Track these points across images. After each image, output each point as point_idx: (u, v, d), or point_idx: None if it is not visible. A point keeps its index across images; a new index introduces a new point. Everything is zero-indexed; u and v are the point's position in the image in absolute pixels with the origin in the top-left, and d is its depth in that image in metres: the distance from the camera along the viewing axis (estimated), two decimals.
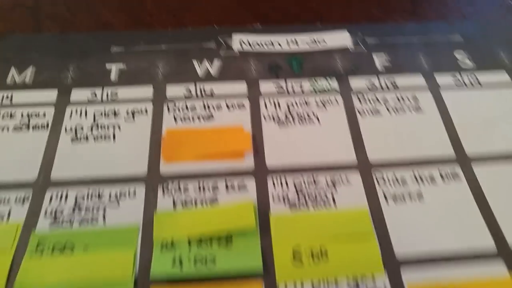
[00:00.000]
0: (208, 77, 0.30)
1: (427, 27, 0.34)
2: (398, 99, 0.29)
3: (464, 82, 0.31)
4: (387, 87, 0.30)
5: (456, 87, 0.30)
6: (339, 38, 0.33)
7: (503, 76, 0.31)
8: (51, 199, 0.24)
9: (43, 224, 0.23)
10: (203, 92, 0.29)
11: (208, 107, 0.28)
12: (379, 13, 0.34)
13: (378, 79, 0.30)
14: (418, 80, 0.30)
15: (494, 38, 0.33)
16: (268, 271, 0.21)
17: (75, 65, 0.30)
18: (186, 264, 0.21)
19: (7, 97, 0.28)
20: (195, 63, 0.31)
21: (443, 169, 0.26)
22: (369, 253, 0.22)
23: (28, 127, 0.26)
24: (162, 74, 0.30)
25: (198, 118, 0.27)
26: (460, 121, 0.28)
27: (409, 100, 0.29)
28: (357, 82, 0.30)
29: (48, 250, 0.22)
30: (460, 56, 0.32)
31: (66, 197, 0.24)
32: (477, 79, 0.31)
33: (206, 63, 0.30)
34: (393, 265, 0.22)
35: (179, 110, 0.28)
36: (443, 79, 0.31)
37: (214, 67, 0.30)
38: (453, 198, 0.25)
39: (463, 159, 0.26)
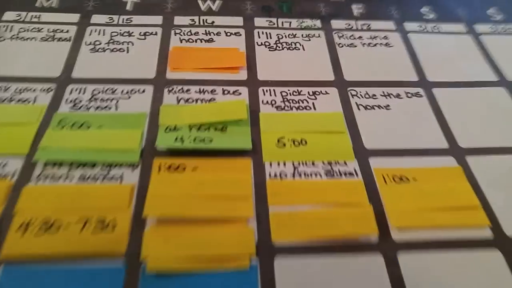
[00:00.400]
0: (210, 12, 0.31)
1: None
2: (371, 38, 0.31)
3: (427, 30, 0.32)
4: (362, 29, 0.32)
5: (421, 33, 0.32)
6: None
7: (459, 27, 0.33)
8: (71, 91, 0.25)
9: (64, 108, 0.24)
10: (205, 22, 0.30)
11: (209, 33, 0.30)
12: None
13: (356, 22, 0.32)
14: (389, 25, 0.32)
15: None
16: (256, 151, 0.23)
17: None
18: (186, 141, 0.22)
19: (36, 16, 0.29)
20: (199, 1, 0.32)
21: (408, 90, 0.27)
22: (342, 144, 0.24)
23: (53, 39, 0.28)
24: (171, 8, 0.31)
25: (200, 40, 0.29)
26: (423, 56, 0.30)
27: (380, 38, 0.31)
28: (337, 24, 0.32)
29: (68, 126, 0.23)
30: (426, 10, 0.34)
31: (84, 91, 0.25)
32: (438, 28, 0.33)
33: (208, 2, 0.32)
34: (362, 154, 0.24)
35: (184, 34, 0.29)
36: (410, 26, 0.32)
37: (215, 5, 0.32)
38: (415, 109, 0.26)
39: (424, 83, 0.28)
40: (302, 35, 0.30)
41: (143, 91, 0.25)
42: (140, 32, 0.29)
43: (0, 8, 0.29)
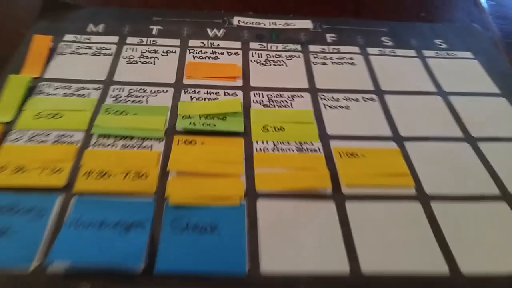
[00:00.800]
0: (216, 38, 0.41)
1: (366, 22, 0.45)
2: (339, 58, 0.40)
3: (385, 53, 0.41)
4: (333, 52, 0.41)
5: (380, 55, 0.41)
6: (304, 24, 0.44)
7: (411, 52, 0.42)
8: (113, 90, 0.34)
9: (108, 101, 0.33)
10: (212, 45, 0.40)
11: (215, 52, 0.39)
12: (333, 12, 0.46)
13: (328, 47, 0.41)
14: (355, 49, 0.41)
15: (408, 32, 0.44)
16: (247, 133, 0.31)
17: (130, 25, 0.41)
18: (197, 124, 0.31)
19: (87, 38, 0.39)
20: (208, 30, 0.42)
21: (365, 96, 0.36)
22: (310, 131, 0.32)
23: (100, 54, 0.37)
24: (186, 34, 0.40)
25: (208, 58, 0.38)
26: (380, 72, 0.38)
27: (346, 59, 0.40)
28: (313, 48, 0.41)
29: (112, 112, 0.32)
30: (386, 39, 0.43)
31: (123, 90, 0.34)
32: (394, 52, 0.42)
33: (215, 30, 0.42)
34: (325, 138, 0.32)
35: (196, 52, 0.38)
36: (372, 50, 0.41)
37: (220, 33, 0.41)
38: (369, 109, 0.35)
39: (378, 91, 0.37)
40: (286, 55, 0.39)
41: (166, 91, 0.34)
42: (163, 51, 0.38)
43: (62, 32, 0.39)
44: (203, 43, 0.39)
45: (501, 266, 0.25)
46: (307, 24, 0.43)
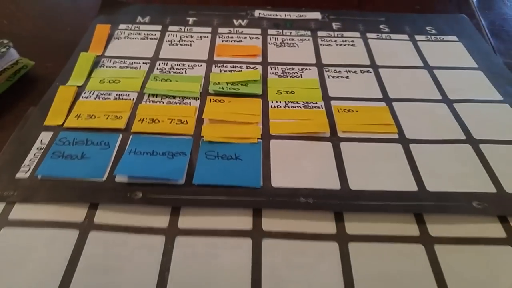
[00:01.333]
0: (240, 26, 0.49)
1: (367, 14, 0.53)
2: (343, 41, 0.47)
3: (382, 37, 0.49)
4: (337, 36, 0.48)
5: (377, 39, 0.48)
6: (313, 15, 0.52)
7: (404, 36, 0.49)
8: (159, 64, 0.42)
9: (155, 72, 0.41)
10: (237, 31, 0.48)
11: (239, 37, 0.47)
12: (338, 6, 0.54)
13: (334, 33, 0.49)
14: (356, 34, 0.49)
15: (403, 21, 0.51)
16: (264, 95, 0.39)
17: (170, 17, 0.50)
18: (225, 88, 0.39)
19: (136, 27, 0.48)
20: (234, 20, 0.50)
21: (362, 69, 0.43)
22: (315, 94, 0.40)
23: (147, 38, 0.46)
24: (216, 23, 0.49)
25: (234, 41, 0.46)
26: (376, 52, 0.46)
27: (348, 42, 0.47)
28: (320, 33, 0.48)
29: (159, 79, 0.40)
30: (383, 26, 0.51)
31: (166, 64, 0.42)
32: (389, 36, 0.49)
33: (239, 21, 0.50)
34: (327, 99, 0.39)
35: (224, 37, 0.47)
36: (370, 35, 0.48)
37: (244, 23, 0.50)
38: (365, 79, 0.42)
39: (374, 66, 0.44)
40: (298, 39, 0.47)
41: (200, 65, 0.42)
42: (198, 36, 0.47)
43: (117, 22, 0.48)
44: (229, 30, 0.48)
45: (458, 187, 0.31)
46: (316, 15, 0.51)
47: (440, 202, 0.30)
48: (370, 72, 0.42)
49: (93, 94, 0.38)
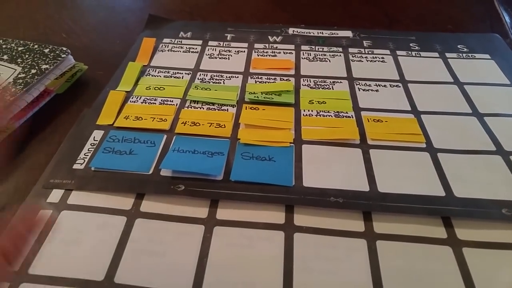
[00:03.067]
0: (275, 42, 0.52)
1: (397, 33, 0.55)
2: (373, 58, 0.49)
3: (412, 55, 0.50)
4: (368, 53, 0.50)
5: (407, 56, 0.50)
6: (345, 33, 0.54)
7: (434, 54, 0.50)
8: (200, 75, 0.45)
9: (196, 81, 0.44)
10: (272, 47, 0.51)
11: (274, 52, 0.50)
12: (370, 25, 0.56)
13: (364, 50, 0.51)
14: (386, 52, 0.50)
15: (434, 40, 0.52)
16: (297, 104, 0.41)
17: (210, 33, 0.53)
18: (260, 97, 0.41)
19: (179, 41, 0.51)
20: (269, 37, 0.53)
21: (392, 83, 0.45)
22: (346, 104, 0.41)
23: (189, 51, 0.49)
24: (252, 39, 0.52)
25: (269, 55, 0.49)
26: (405, 68, 0.47)
27: (379, 58, 0.49)
28: (352, 50, 0.50)
29: (199, 88, 0.43)
30: (413, 44, 0.52)
31: (206, 75, 0.45)
32: (419, 54, 0.51)
33: (274, 37, 0.53)
34: (357, 109, 0.41)
35: (260, 52, 0.50)
36: (400, 52, 0.50)
37: (278, 39, 0.53)
38: (394, 93, 0.43)
39: (403, 81, 0.45)
40: (329, 55, 0.49)
41: (237, 77, 0.45)
42: (235, 50, 0.50)
43: (162, 37, 0.51)
44: (265, 45, 0.50)
45: (487, 194, 0.32)
46: (348, 33, 0.53)
47: (468, 207, 0.31)
48: (399, 87, 0.44)
49: (140, 99, 0.41)
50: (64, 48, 0.42)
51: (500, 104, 0.41)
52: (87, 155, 0.34)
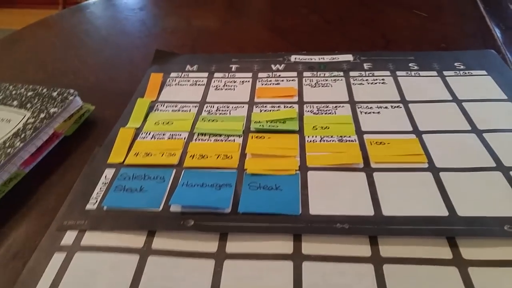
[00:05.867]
0: (278, 70, 0.52)
1: (396, 53, 0.55)
2: (374, 80, 0.49)
3: (411, 75, 0.50)
4: (368, 75, 0.51)
5: (407, 76, 0.50)
6: (346, 57, 0.55)
7: (433, 73, 0.51)
8: (207, 107, 0.46)
9: (203, 114, 0.45)
10: (275, 75, 0.51)
11: (277, 80, 0.50)
12: (367, 48, 0.56)
13: (365, 72, 0.51)
14: (386, 73, 0.51)
15: (431, 59, 0.53)
16: (301, 131, 0.42)
17: (215, 64, 0.54)
18: (265, 126, 0.42)
19: (186, 75, 0.52)
20: (272, 65, 0.54)
21: (393, 104, 0.45)
22: (349, 129, 0.42)
23: (196, 84, 0.50)
24: (256, 69, 0.53)
25: (272, 84, 0.50)
26: (405, 88, 0.48)
27: (379, 80, 0.50)
28: (353, 73, 0.51)
29: (206, 120, 0.43)
30: (412, 64, 0.52)
31: (213, 106, 0.46)
32: (419, 73, 0.51)
33: (277, 65, 0.53)
34: (360, 133, 0.41)
35: (264, 81, 0.50)
36: (400, 73, 0.50)
37: (281, 67, 0.53)
38: (395, 114, 0.43)
39: (404, 101, 0.45)
40: (331, 79, 0.50)
41: (243, 106, 0.46)
42: (240, 81, 0.50)
43: (169, 71, 0.52)
44: (268, 74, 0.51)
45: (489, 212, 0.32)
46: (348, 57, 0.54)
47: (471, 226, 0.31)
48: (400, 107, 0.44)
49: (149, 134, 0.41)
50: (72, 91, 0.43)
51: (498, 119, 0.41)
52: (99, 194, 0.35)
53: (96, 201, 0.34)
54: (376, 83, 0.48)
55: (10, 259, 0.31)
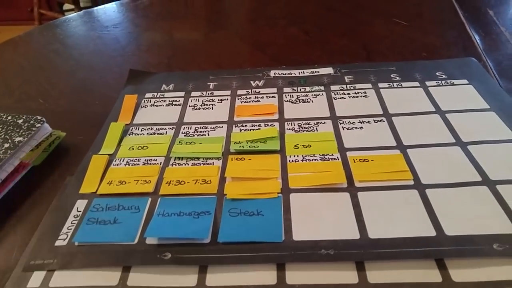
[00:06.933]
0: (257, 87, 0.52)
1: (378, 64, 0.55)
2: (355, 93, 0.49)
3: (393, 86, 0.50)
4: (350, 89, 0.50)
5: (389, 88, 0.50)
6: (326, 70, 0.54)
7: (415, 84, 0.51)
8: (184, 128, 0.45)
9: (180, 135, 0.44)
10: (255, 92, 0.51)
11: (257, 97, 0.50)
12: (349, 59, 0.56)
13: (346, 86, 0.51)
14: (368, 85, 0.50)
15: (413, 69, 0.53)
16: (282, 150, 0.41)
17: (192, 83, 0.53)
18: (245, 146, 0.41)
19: (161, 95, 0.51)
20: (251, 82, 0.53)
21: (375, 118, 0.45)
22: (331, 146, 0.41)
23: (172, 104, 0.49)
24: (235, 86, 0.52)
25: (252, 101, 0.49)
26: (388, 100, 0.47)
27: (361, 93, 0.49)
28: (334, 87, 0.50)
29: (183, 143, 0.42)
30: (393, 75, 0.52)
31: (190, 127, 0.45)
32: (401, 85, 0.51)
33: (257, 82, 0.53)
34: (342, 150, 0.41)
35: (243, 98, 0.50)
36: (382, 85, 0.50)
37: (260, 83, 0.53)
38: (378, 129, 0.43)
39: (387, 115, 0.45)
40: (312, 94, 0.49)
41: (222, 126, 0.45)
42: (218, 99, 0.50)
43: (143, 91, 0.51)
44: (247, 91, 0.50)
45: (477, 230, 0.31)
46: (329, 70, 0.54)
47: (459, 246, 0.30)
48: (384, 121, 0.44)
49: (123, 161, 0.40)
50: (39, 117, 0.41)
51: (482, 130, 0.41)
52: (70, 229, 0.33)
53: (67, 237, 0.33)
54: (357, 97, 0.48)
55: None
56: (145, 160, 0.40)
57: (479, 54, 0.54)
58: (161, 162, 0.40)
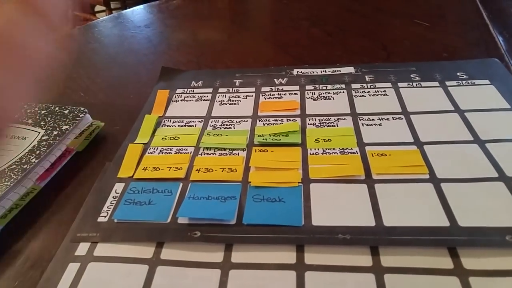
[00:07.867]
0: (281, 84, 0.54)
1: (398, 65, 0.56)
2: (375, 92, 0.51)
3: (413, 86, 0.52)
4: (370, 87, 0.52)
5: (408, 87, 0.51)
6: (347, 69, 0.56)
7: (435, 83, 0.52)
8: (212, 121, 0.48)
9: (208, 128, 0.47)
10: (278, 89, 0.53)
11: (280, 94, 0.52)
12: (368, 60, 0.58)
13: (367, 84, 0.53)
14: (388, 84, 0.52)
15: (433, 69, 0.53)
16: (303, 144, 0.43)
17: (220, 80, 0.56)
18: (268, 139, 0.44)
19: (191, 90, 0.54)
20: (275, 79, 0.55)
21: (394, 116, 0.46)
22: (351, 140, 0.43)
23: (201, 100, 0.52)
24: (259, 83, 0.55)
25: (275, 98, 0.51)
26: (406, 99, 0.49)
27: (381, 92, 0.51)
28: (354, 86, 0.52)
29: (211, 134, 0.45)
30: (413, 75, 0.54)
31: (218, 121, 0.48)
32: (420, 84, 0.52)
33: (280, 79, 0.55)
34: (362, 145, 0.42)
35: (267, 95, 0.52)
36: (401, 84, 0.51)
37: (284, 81, 0.55)
38: (397, 125, 0.45)
39: (405, 113, 0.46)
40: (333, 92, 0.51)
41: (247, 121, 0.47)
42: (244, 95, 0.52)
43: (175, 87, 0.54)
44: (271, 88, 0.53)
45: (490, 222, 0.32)
46: (350, 69, 0.56)
47: (472, 236, 0.31)
48: (402, 119, 0.45)
49: (157, 149, 0.43)
50: (82, 108, 0.45)
51: (501, 129, 0.42)
52: (110, 208, 0.37)
53: (107, 214, 0.36)
54: (377, 95, 0.50)
55: (28, 269, 0.33)
56: (176, 149, 0.43)
57: (502, 55, 0.55)
58: (191, 152, 0.43)
